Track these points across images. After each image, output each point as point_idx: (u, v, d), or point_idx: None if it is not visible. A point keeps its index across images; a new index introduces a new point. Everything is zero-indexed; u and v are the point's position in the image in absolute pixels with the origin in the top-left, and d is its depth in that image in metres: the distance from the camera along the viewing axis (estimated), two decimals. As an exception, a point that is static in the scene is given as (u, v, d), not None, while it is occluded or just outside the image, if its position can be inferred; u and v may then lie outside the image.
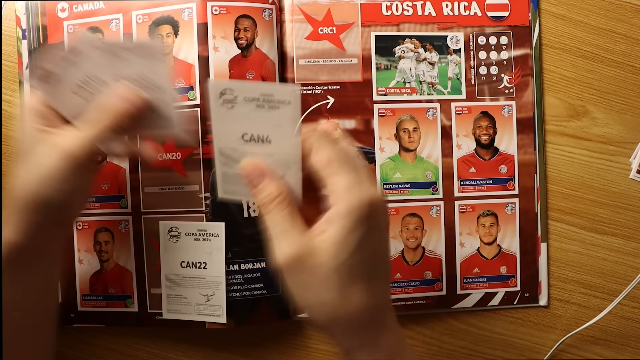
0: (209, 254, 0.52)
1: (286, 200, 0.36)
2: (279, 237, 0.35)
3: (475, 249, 0.57)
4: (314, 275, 0.35)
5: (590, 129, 0.58)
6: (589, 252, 0.58)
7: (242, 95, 0.35)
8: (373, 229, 0.35)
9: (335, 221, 0.34)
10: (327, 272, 0.34)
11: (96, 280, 0.55)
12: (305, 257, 0.34)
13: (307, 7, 0.55)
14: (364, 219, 0.34)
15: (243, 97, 0.35)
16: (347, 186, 0.34)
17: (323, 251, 0.34)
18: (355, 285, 0.35)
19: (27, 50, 0.55)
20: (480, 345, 0.57)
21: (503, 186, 0.57)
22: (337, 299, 0.35)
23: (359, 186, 0.35)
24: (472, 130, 0.57)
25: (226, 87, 0.35)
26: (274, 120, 0.35)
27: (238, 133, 0.36)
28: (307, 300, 0.36)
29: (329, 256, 0.34)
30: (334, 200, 0.35)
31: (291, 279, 0.36)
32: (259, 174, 0.37)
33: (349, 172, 0.35)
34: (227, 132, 0.37)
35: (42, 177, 0.39)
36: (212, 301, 0.52)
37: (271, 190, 0.36)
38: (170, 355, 0.56)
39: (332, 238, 0.34)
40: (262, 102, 0.35)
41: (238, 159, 0.37)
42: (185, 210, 0.53)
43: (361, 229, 0.34)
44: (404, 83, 0.56)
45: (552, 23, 0.58)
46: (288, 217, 0.35)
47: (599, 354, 0.58)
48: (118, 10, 0.54)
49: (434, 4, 0.57)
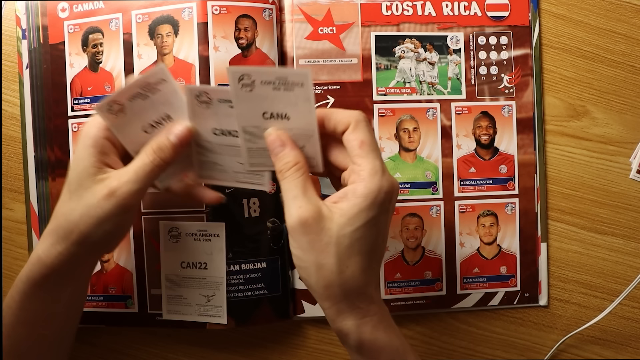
0: (209, 255, 0.52)
1: (302, 168, 0.39)
2: (291, 201, 0.38)
3: (475, 249, 0.57)
4: (318, 239, 0.37)
5: (590, 129, 0.58)
6: (589, 252, 0.58)
7: (259, 79, 0.38)
8: (383, 213, 0.38)
9: (350, 197, 0.37)
10: (331, 238, 0.37)
11: (97, 281, 0.54)
12: (313, 220, 0.37)
13: (307, 7, 0.55)
14: (378, 204, 0.37)
15: (260, 80, 0.38)
16: (372, 171, 0.38)
17: (331, 219, 0.37)
18: (354, 257, 0.37)
19: (27, 50, 0.55)
20: (480, 345, 0.57)
21: (503, 186, 0.57)
22: (334, 264, 0.37)
23: (381, 174, 0.38)
24: (472, 130, 0.57)
25: (244, 72, 0.38)
26: (290, 99, 0.38)
27: (259, 112, 0.39)
28: (306, 261, 0.38)
29: (336, 225, 0.37)
30: (355, 179, 0.38)
31: (296, 239, 0.38)
32: (280, 143, 0.40)
33: (376, 158, 0.38)
34: (248, 112, 0.39)
35: (89, 216, 0.39)
36: (213, 302, 0.52)
37: (290, 159, 0.39)
38: (170, 356, 0.56)
39: (343, 210, 0.37)
40: (278, 84, 0.38)
41: (260, 135, 0.41)
42: (186, 210, 0.53)
43: (372, 211, 0.37)
44: (404, 83, 0.56)
45: (552, 23, 0.58)
46: (302, 183, 0.38)
47: (599, 354, 0.58)
48: (118, 10, 0.54)
49: (434, 4, 0.57)
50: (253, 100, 0.39)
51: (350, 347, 0.39)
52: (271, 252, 0.53)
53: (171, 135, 0.41)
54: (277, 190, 0.53)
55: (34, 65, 0.55)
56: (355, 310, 0.38)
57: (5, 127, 0.56)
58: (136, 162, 0.41)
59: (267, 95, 0.38)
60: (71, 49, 0.54)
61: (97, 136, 0.41)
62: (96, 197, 0.39)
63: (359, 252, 0.38)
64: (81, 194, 0.40)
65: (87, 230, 0.39)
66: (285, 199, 0.39)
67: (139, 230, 0.54)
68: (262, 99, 0.38)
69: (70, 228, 0.40)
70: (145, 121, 0.42)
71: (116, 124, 0.41)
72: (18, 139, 0.56)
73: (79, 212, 0.39)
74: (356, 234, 0.37)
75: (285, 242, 0.54)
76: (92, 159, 0.40)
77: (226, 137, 0.42)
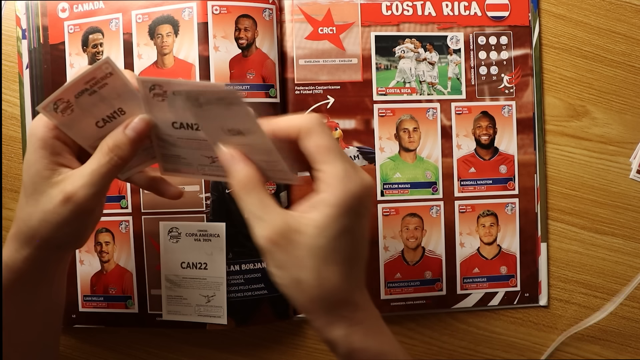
0: (209, 255, 0.52)
1: (258, 184, 0.37)
2: (253, 220, 0.36)
3: (475, 249, 0.57)
4: (292, 254, 0.35)
5: (590, 129, 0.58)
6: (589, 252, 0.58)
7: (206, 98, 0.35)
8: (356, 219, 0.36)
9: (320, 207, 0.35)
10: (305, 252, 0.35)
11: (97, 281, 0.54)
12: (281, 236, 0.35)
13: (307, 7, 0.55)
14: (349, 211, 0.35)
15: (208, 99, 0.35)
16: (338, 176, 0.35)
17: (303, 232, 0.35)
18: (331, 268, 0.36)
19: (27, 50, 0.55)
20: (480, 345, 0.57)
21: (503, 186, 0.57)
22: (312, 279, 0.35)
23: (349, 178, 0.35)
24: (472, 130, 0.57)
25: (196, 94, 0.35)
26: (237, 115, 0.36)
27: (219, 129, 0.37)
28: (284, 279, 0.36)
29: (308, 237, 0.35)
30: (323, 188, 0.35)
31: (270, 257, 0.36)
32: (232, 161, 0.37)
33: (338, 161, 0.36)
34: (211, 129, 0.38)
35: (48, 222, 0.38)
36: (213, 302, 0.52)
37: (243, 175, 0.37)
38: (170, 356, 0.56)
39: (315, 222, 0.35)
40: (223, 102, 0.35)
41: (174, 142, 0.40)
42: (186, 210, 0.53)
43: (345, 219, 0.35)
44: (404, 83, 0.56)
45: (552, 23, 0.58)
46: (259, 200, 0.36)
47: (599, 354, 0.58)
48: (118, 10, 0.54)
49: (434, 4, 0.57)
50: (211, 119, 0.37)
51: (340, 357, 0.38)
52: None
53: (128, 130, 0.39)
54: (277, 190, 0.53)
55: (34, 65, 0.55)
56: (342, 320, 0.37)
57: (5, 127, 0.56)
58: (92, 163, 0.38)
59: (218, 113, 0.36)
60: (71, 49, 0.54)
61: (46, 137, 0.38)
62: (52, 203, 0.37)
63: (336, 263, 0.36)
64: (37, 198, 0.38)
65: (47, 235, 0.38)
66: (251, 216, 0.36)
67: (139, 230, 0.54)
68: (216, 116, 0.36)
69: (31, 233, 0.38)
70: (97, 116, 0.39)
71: (65, 122, 0.38)
72: (18, 139, 0.56)
73: (37, 218, 0.38)
74: (330, 244, 0.35)
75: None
76: (44, 161, 0.38)
77: (186, 131, 0.39)
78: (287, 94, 0.55)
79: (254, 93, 0.53)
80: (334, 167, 0.35)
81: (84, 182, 0.38)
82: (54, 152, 0.38)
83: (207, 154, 0.40)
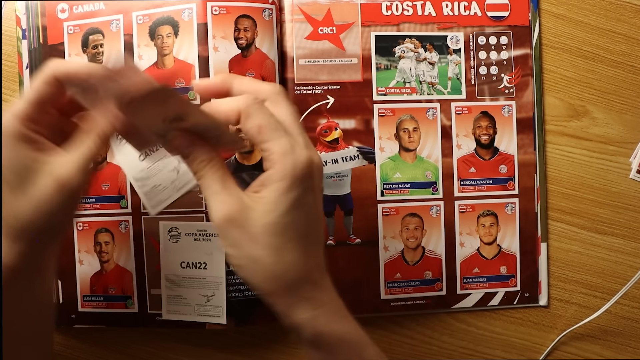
0: (209, 254, 0.52)
1: (218, 164, 0.37)
2: (212, 198, 0.36)
3: (475, 249, 0.57)
4: (247, 232, 0.36)
5: (590, 129, 0.58)
6: (589, 252, 0.58)
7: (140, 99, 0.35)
8: (306, 192, 0.36)
9: (269, 184, 0.36)
10: (259, 229, 0.35)
11: (96, 281, 0.55)
12: (238, 213, 0.35)
13: (307, 7, 0.55)
14: (298, 183, 0.36)
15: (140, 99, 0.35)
16: (282, 151, 0.36)
17: (255, 209, 0.36)
18: (288, 244, 0.36)
19: (27, 50, 0.55)
20: (480, 345, 0.57)
21: (503, 186, 0.57)
22: (269, 256, 0.36)
23: (292, 151, 0.36)
24: (472, 130, 0.57)
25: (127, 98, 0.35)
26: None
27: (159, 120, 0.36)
28: (240, 258, 0.37)
29: (261, 214, 0.35)
30: (268, 165, 0.36)
31: (225, 237, 0.36)
32: (187, 144, 0.37)
33: (282, 137, 0.36)
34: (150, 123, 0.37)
35: (40, 210, 0.37)
36: (212, 302, 0.52)
37: (202, 157, 0.37)
38: (170, 356, 0.56)
39: (265, 198, 0.36)
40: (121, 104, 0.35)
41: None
42: (186, 210, 0.53)
43: (294, 191, 0.35)
44: (404, 83, 0.56)
45: (552, 23, 0.58)
46: (220, 179, 0.37)
47: (599, 353, 0.58)
48: (118, 11, 0.54)
49: (434, 4, 0.57)
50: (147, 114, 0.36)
51: (306, 342, 0.38)
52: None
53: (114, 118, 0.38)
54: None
55: (34, 65, 0.55)
56: (304, 302, 0.37)
57: (5, 128, 0.56)
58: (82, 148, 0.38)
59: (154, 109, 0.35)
60: (71, 49, 0.54)
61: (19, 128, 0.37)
62: (45, 192, 0.37)
63: (290, 239, 0.36)
64: (27, 191, 0.37)
65: (41, 225, 0.38)
66: (206, 197, 0.37)
67: (138, 230, 0.54)
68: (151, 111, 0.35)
69: (24, 227, 0.38)
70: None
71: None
72: (18, 139, 0.56)
73: (28, 208, 0.37)
74: (283, 219, 0.35)
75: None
76: (27, 153, 0.37)
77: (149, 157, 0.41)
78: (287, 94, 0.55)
79: (254, 93, 0.53)
80: (277, 143, 0.36)
81: (76, 166, 0.37)
82: (33, 142, 0.38)
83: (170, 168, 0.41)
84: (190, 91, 0.52)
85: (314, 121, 0.55)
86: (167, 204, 0.43)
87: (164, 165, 0.40)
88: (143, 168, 0.41)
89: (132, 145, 0.42)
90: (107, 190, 0.54)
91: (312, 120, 0.55)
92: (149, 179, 0.42)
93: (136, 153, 0.39)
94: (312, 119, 0.55)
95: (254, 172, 0.52)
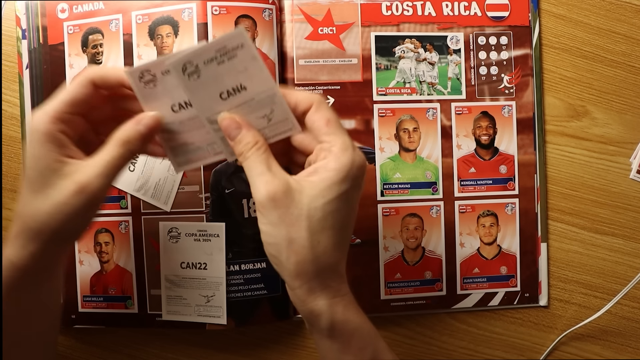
0: (209, 255, 0.52)
1: (263, 146, 0.39)
2: (257, 177, 0.37)
3: (475, 249, 0.57)
4: (288, 212, 0.36)
5: (590, 129, 0.58)
6: (589, 252, 0.58)
7: (201, 61, 0.37)
8: (354, 188, 0.38)
9: (322, 171, 0.37)
10: (302, 211, 0.36)
11: (97, 281, 0.55)
12: (282, 193, 0.36)
13: (307, 7, 0.55)
14: (350, 178, 0.37)
15: (202, 61, 0.37)
16: (343, 146, 0.38)
17: (302, 192, 0.37)
18: (326, 232, 0.37)
19: (27, 51, 0.55)
20: (480, 345, 0.57)
21: (503, 186, 0.57)
22: (305, 238, 0.37)
23: (352, 149, 0.38)
24: (472, 130, 0.57)
25: (185, 60, 0.36)
26: (237, 67, 0.37)
27: (216, 95, 0.38)
28: (276, 237, 0.37)
29: (307, 197, 0.37)
30: (326, 155, 0.38)
31: (265, 215, 0.37)
32: (235, 126, 0.39)
33: (345, 134, 0.39)
34: (206, 100, 0.38)
35: (59, 212, 0.38)
36: (212, 302, 0.52)
37: (248, 139, 0.38)
38: (170, 356, 0.56)
39: (315, 183, 0.37)
40: (220, 57, 0.37)
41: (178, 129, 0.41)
42: (185, 210, 0.53)
43: (345, 185, 0.37)
44: (404, 83, 0.56)
45: (552, 23, 0.58)
46: (265, 160, 0.38)
47: (599, 354, 0.58)
48: (118, 11, 0.54)
49: (434, 4, 0.57)
50: (205, 86, 0.37)
51: (321, 330, 0.39)
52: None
53: (140, 125, 0.39)
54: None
55: (34, 66, 0.55)
56: (326, 289, 0.38)
57: (5, 127, 0.56)
58: (104, 155, 0.39)
59: (215, 74, 0.37)
60: (71, 49, 0.54)
61: (51, 130, 0.38)
62: (64, 194, 0.37)
63: (331, 227, 0.37)
64: (47, 192, 0.38)
65: (58, 227, 0.38)
66: (250, 178, 0.38)
67: (138, 230, 0.54)
68: (212, 80, 0.37)
69: (40, 228, 0.38)
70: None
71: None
72: (18, 139, 0.56)
73: (47, 211, 0.38)
74: (328, 207, 0.37)
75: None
76: (52, 154, 0.38)
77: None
78: (287, 94, 0.55)
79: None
80: (341, 138, 0.38)
81: (97, 172, 0.38)
82: (60, 145, 0.39)
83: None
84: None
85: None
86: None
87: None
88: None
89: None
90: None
91: (312, 120, 0.55)
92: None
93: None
94: (312, 119, 0.55)
95: None
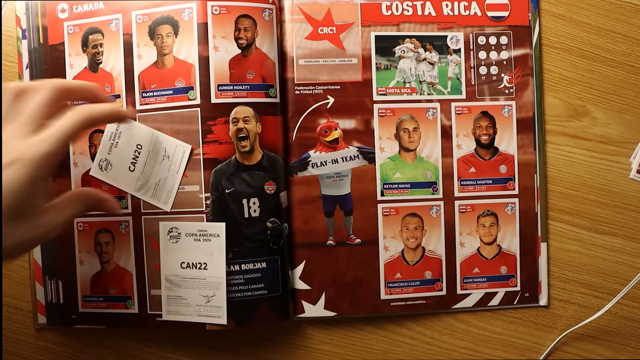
0: (209, 255, 0.52)
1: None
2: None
3: (475, 249, 0.57)
4: None
5: (590, 129, 0.58)
6: (589, 252, 0.58)
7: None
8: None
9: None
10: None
11: (97, 281, 0.55)
12: None
13: (307, 7, 0.55)
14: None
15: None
16: None
17: None
18: None
19: (27, 50, 0.55)
20: (480, 346, 0.57)
21: (503, 186, 0.57)
22: None
23: None
24: (472, 130, 0.57)
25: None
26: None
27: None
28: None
29: None
30: None
31: None
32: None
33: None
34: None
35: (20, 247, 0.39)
36: (213, 302, 0.52)
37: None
38: (170, 356, 0.56)
39: None
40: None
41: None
42: (186, 210, 0.53)
43: None
44: (404, 83, 0.56)
45: (552, 23, 0.58)
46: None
47: (599, 353, 0.58)
48: (118, 11, 0.54)
49: (434, 4, 0.57)
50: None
51: None
52: (271, 252, 0.53)
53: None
54: (276, 190, 0.53)
55: (34, 66, 0.55)
56: None
57: (5, 128, 0.56)
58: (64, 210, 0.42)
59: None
60: (71, 49, 0.54)
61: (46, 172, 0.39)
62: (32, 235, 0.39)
63: None
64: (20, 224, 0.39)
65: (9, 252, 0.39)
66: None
67: (139, 230, 0.54)
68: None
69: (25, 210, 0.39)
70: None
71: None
72: (18, 139, 0.55)
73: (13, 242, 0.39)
74: None
75: (285, 242, 0.54)
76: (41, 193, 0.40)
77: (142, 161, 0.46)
78: (287, 94, 0.55)
79: (254, 93, 0.53)
80: None
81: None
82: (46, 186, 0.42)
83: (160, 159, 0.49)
84: (190, 91, 0.52)
85: (314, 121, 0.55)
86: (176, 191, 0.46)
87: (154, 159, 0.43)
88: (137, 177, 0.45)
89: None
90: (107, 191, 0.54)
91: (312, 120, 0.55)
92: (147, 182, 0.44)
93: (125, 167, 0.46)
94: (312, 119, 0.55)
95: (254, 172, 0.52)
